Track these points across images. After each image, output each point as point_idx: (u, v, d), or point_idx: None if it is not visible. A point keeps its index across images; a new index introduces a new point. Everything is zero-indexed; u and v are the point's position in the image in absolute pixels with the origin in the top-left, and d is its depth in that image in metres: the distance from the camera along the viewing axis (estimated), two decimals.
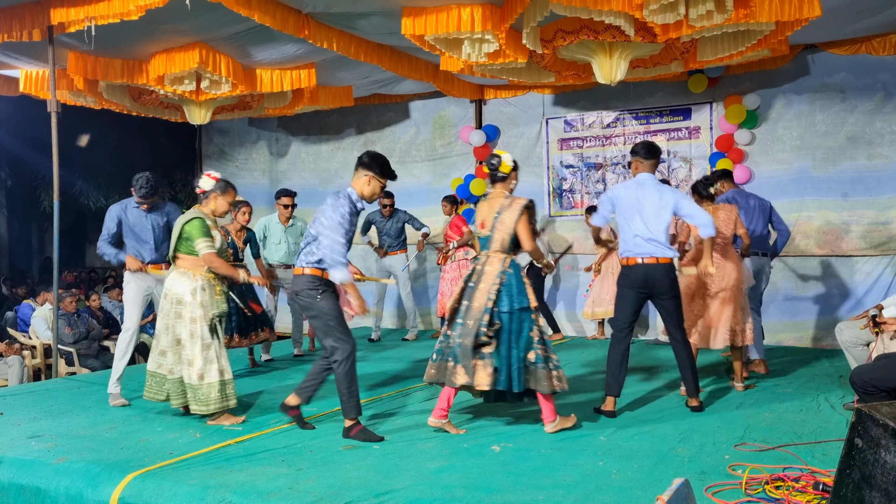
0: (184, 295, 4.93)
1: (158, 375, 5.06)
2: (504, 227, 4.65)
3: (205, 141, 11.96)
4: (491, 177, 4.83)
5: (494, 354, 4.55)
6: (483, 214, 4.77)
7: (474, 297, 4.60)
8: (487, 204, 4.80)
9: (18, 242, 16.51)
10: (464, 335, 4.56)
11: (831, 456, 3.93)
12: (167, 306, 5.00)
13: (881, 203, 7.98)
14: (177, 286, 4.97)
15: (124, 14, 6.02)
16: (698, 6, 5.62)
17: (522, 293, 4.59)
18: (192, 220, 4.97)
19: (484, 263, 4.69)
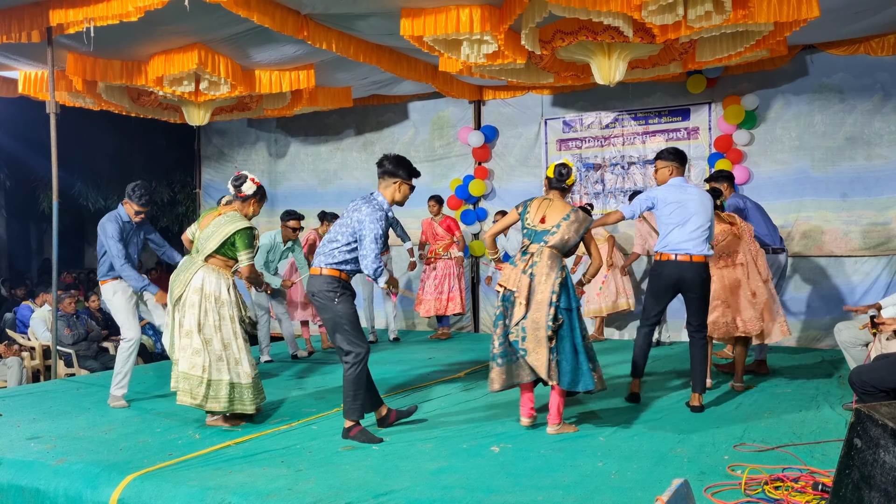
0: (221, 293, 4.87)
1: (194, 377, 4.80)
2: (573, 231, 4.71)
3: (204, 142, 11.97)
4: (555, 185, 4.89)
5: (559, 350, 4.58)
6: (542, 211, 4.78)
7: (536, 291, 4.60)
8: (549, 204, 4.81)
9: (17, 243, 16.50)
10: (529, 328, 4.58)
11: (830, 456, 3.93)
12: (200, 302, 4.83)
13: (880, 203, 7.99)
14: (211, 283, 4.85)
15: (123, 15, 6.01)
16: (697, 7, 5.62)
17: (574, 294, 4.70)
18: (242, 230, 4.89)
19: (540, 257, 4.66)
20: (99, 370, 8.04)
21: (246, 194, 5.01)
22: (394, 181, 4.69)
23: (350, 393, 4.57)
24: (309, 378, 6.68)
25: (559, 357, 4.55)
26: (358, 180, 10.76)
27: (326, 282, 4.60)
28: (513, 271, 4.69)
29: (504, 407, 5.41)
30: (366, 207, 4.59)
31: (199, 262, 4.92)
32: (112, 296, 5.70)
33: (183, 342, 4.83)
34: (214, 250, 4.90)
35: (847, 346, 5.65)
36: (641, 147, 9.18)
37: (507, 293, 4.70)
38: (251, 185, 5.00)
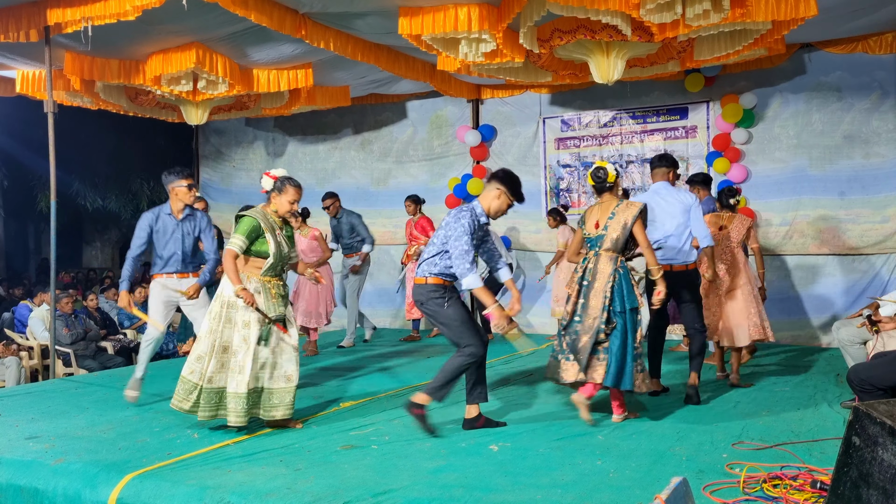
0: (227, 297, 4.71)
1: (189, 382, 4.69)
2: (620, 227, 4.78)
3: (202, 141, 11.95)
4: (598, 188, 5.01)
5: (607, 350, 4.70)
6: (595, 216, 4.95)
7: (591, 296, 4.76)
8: (599, 207, 4.98)
9: (15, 243, 16.50)
10: (582, 332, 4.73)
11: (829, 454, 3.94)
12: (216, 309, 4.73)
13: (878, 202, 8.00)
14: (229, 288, 4.69)
15: (121, 14, 6.01)
16: (695, 5, 5.63)
17: (632, 293, 4.76)
18: (242, 217, 4.80)
19: (596, 262, 4.83)
20: (97, 370, 8.04)
21: (266, 190, 4.89)
22: (497, 188, 4.72)
23: (446, 376, 4.59)
24: (308, 378, 6.67)
25: (607, 356, 4.69)
26: (356, 179, 10.75)
27: (433, 290, 4.65)
28: (573, 276, 4.92)
29: (503, 406, 5.42)
30: (453, 212, 4.71)
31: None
32: (150, 293, 5.70)
33: (194, 347, 4.77)
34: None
35: (845, 344, 5.66)
36: (639, 146, 9.18)
37: (568, 297, 4.92)
38: (267, 180, 4.87)
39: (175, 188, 5.58)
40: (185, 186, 5.59)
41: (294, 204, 4.88)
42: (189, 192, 5.61)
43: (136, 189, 14.60)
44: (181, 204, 5.62)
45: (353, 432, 4.74)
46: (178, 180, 5.58)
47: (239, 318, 4.68)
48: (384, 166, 10.69)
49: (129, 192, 14.67)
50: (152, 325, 5.62)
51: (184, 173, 5.61)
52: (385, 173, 10.68)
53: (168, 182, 5.61)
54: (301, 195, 4.92)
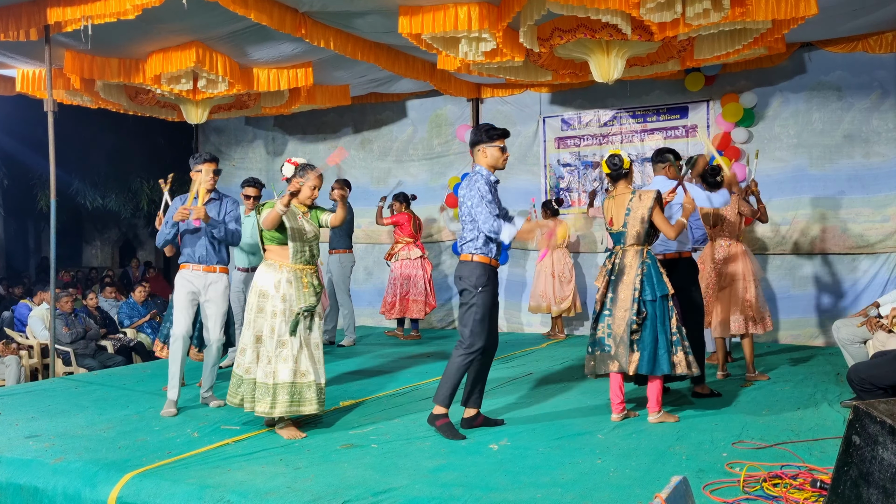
0: (267, 288, 4.68)
1: (236, 376, 4.74)
2: (639, 222, 4.86)
3: (202, 140, 11.95)
4: (614, 176, 5.03)
5: (639, 340, 4.77)
6: (611, 212, 5.01)
7: (619, 289, 4.84)
8: (615, 202, 5.02)
9: (15, 242, 16.51)
10: (614, 325, 4.82)
11: (829, 453, 3.94)
12: (252, 300, 4.74)
13: (878, 201, 8.00)
14: (261, 278, 4.73)
15: (121, 13, 6.01)
16: (695, 5, 5.63)
17: (661, 281, 4.84)
18: (265, 204, 4.80)
19: (622, 257, 4.91)
20: (97, 368, 8.04)
21: (287, 177, 4.82)
22: (477, 148, 4.69)
23: (452, 380, 4.58)
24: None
25: (640, 346, 4.76)
26: (356, 178, 10.73)
27: (475, 268, 4.60)
28: (602, 270, 4.99)
29: (502, 405, 5.42)
30: (471, 175, 4.67)
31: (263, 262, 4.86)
32: (176, 288, 5.46)
33: (239, 339, 4.82)
34: (261, 240, 4.84)
35: (845, 343, 5.66)
36: (640, 145, 9.17)
37: (599, 291, 4.97)
38: (288, 167, 4.84)
39: (192, 172, 5.44)
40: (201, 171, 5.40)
41: (315, 190, 4.84)
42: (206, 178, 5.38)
43: (136, 188, 14.58)
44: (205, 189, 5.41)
45: (353, 431, 4.74)
46: (196, 164, 5.44)
47: (268, 307, 4.66)
48: (384, 165, 10.69)
49: (128, 191, 14.65)
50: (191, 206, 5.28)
51: (203, 157, 5.44)
52: (385, 172, 10.68)
53: (191, 166, 5.48)
54: (322, 181, 4.90)
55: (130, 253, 17.49)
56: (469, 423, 4.76)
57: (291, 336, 4.63)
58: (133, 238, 18.03)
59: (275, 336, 4.62)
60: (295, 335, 4.64)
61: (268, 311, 4.66)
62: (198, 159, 5.47)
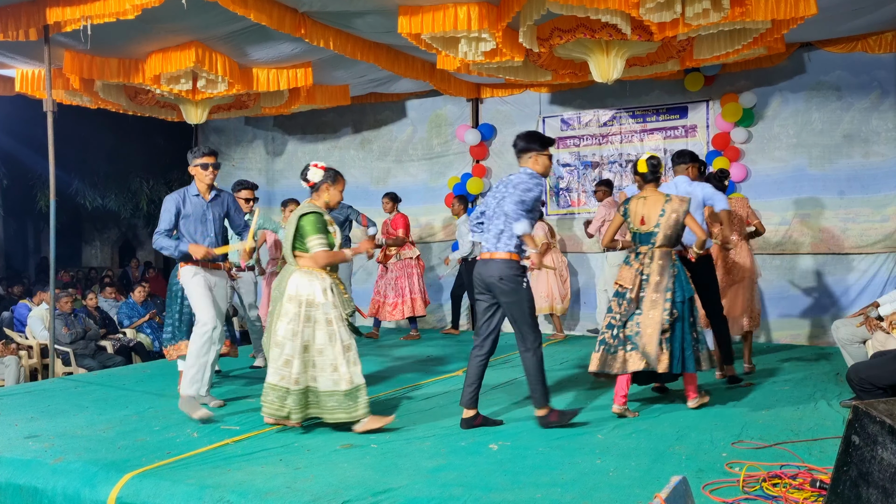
0: (315, 296, 4.55)
1: (280, 389, 4.56)
2: (673, 224, 5.00)
3: (201, 140, 11.95)
4: (649, 177, 5.16)
5: (669, 340, 4.91)
6: (642, 212, 5.09)
7: (650, 290, 4.95)
8: (645, 202, 5.11)
9: (15, 242, 16.50)
10: (645, 325, 4.91)
11: (828, 453, 3.93)
12: (293, 309, 4.56)
13: (877, 201, 8.00)
14: (304, 287, 4.56)
15: (120, 13, 6.01)
16: (694, 5, 5.63)
17: (688, 283, 5.04)
18: (307, 215, 4.62)
19: (652, 258, 5.02)
20: (97, 369, 8.04)
21: (314, 182, 4.72)
22: (529, 155, 4.78)
23: (538, 379, 4.63)
24: None
25: (670, 346, 4.90)
26: (356, 178, 10.74)
27: (512, 266, 4.61)
28: (628, 271, 5.06)
29: (502, 405, 5.42)
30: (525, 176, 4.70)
31: (291, 267, 4.69)
32: (191, 277, 5.20)
33: (273, 353, 4.60)
34: (293, 248, 4.66)
35: (844, 343, 5.66)
36: (639, 145, 9.18)
37: (622, 290, 5.05)
38: (316, 172, 4.71)
39: (190, 168, 5.28)
40: (200, 165, 5.24)
41: (342, 193, 4.84)
42: (204, 172, 5.24)
43: (136, 188, 14.59)
44: (204, 185, 5.28)
45: (352, 431, 4.74)
46: (195, 159, 5.26)
47: (321, 315, 4.55)
48: (384, 165, 10.69)
49: (128, 191, 14.66)
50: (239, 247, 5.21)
51: (201, 151, 5.26)
52: (385, 172, 10.68)
53: (189, 161, 5.30)
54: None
55: (130, 253, 17.49)
56: (469, 423, 4.76)
57: (357, 337, 4.65)
58: (133, 238, 18.03)
59: (337, 342, 4.55)
60: (352, 339, 4.64)
61: (320, 319, 4.55)
62: (196, 154, 5.31)
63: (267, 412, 4.62)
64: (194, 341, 5.11)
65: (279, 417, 4.61)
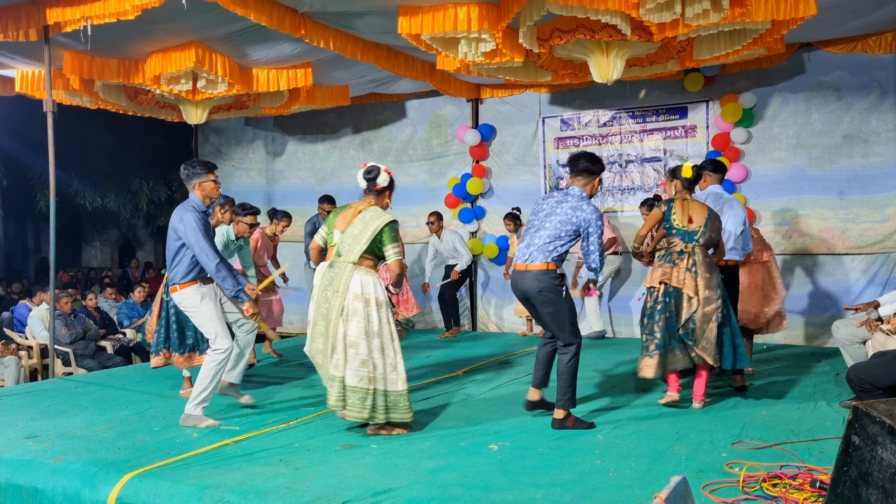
0: (380, 295, 4.55)
1: (361, 390, 4.49)
2: (716, 230, 5.26)
3: (201, 140, 11.95)
4: (686, 183, 5.39)
5: (720, 336, 5.12)
6: (687, 212, 5.29)
7: (701, 286, 5.10)
8: (691, 204, 5.32)
9: (14, 243, 16.50)
10: (704, 321, 5.08)
11: (828, 453, 3.94)
12: (362, 308, 4.50)
13: (877, 201, 8.00)
14: (369, 287, 4.53)
15: (120, 14, 6.01)
16: (694, 5, 5.62)
17: (723, 284, 5.23)
18: (391, 223, 4.61)
19: (697, 256, 5.19)
20: (96, 369, 8.04)
21: (382, 186, 4.73)
22: (592, 178, 4.89)
23: (569, 382, 4.71)
24: (307, 377, 6.67)
25: (721, 342, 5.11)
26: (356, 179, 10.71)
27: (552, 277, 4.72)
28: (676, 270, 5.16)
29: (503, 405, 5.42)
30: (586, 206, 4.78)
31: (349, 266, 4.57)
32: (199, 302, 4.91)
33: (349, 353, 4.50)
34: (365, 250, 4.58)
35: (844, 343, 5.66)
36: (639, 145, 9.18)
37: (670, 290, 5.15)
38: (386, 177, 4.73)
39: (202, 183, 4.99)
40: (213, 181, 5.04)
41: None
42: (216, 186, 5.07)
43: (136, 188, 14.60)
44: (209, 200, 5.08)
45: (353, 432, 4.74)
46: (207, 174, 5.01)
47: (384, 315, 4.56)
48: (384, 166, 10.67)
49: (128, 191, 14.66)
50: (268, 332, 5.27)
51: (209, 166, 5.05)
52: None
53: (194, 176, 4.99)
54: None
55: (130, 253, 17.50)
56: (532, 405, 5.00)
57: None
58: (132, 238, 18.03)
59: (394, 342, 4.58)
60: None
61: (384, 318, 4.56)
62: (205, 168, 5.02)
63: (352, 416, 4.53)
64: (210, 364, 4.89)
65: (364, 418, 4.53)
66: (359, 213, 4.69)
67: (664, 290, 5.15)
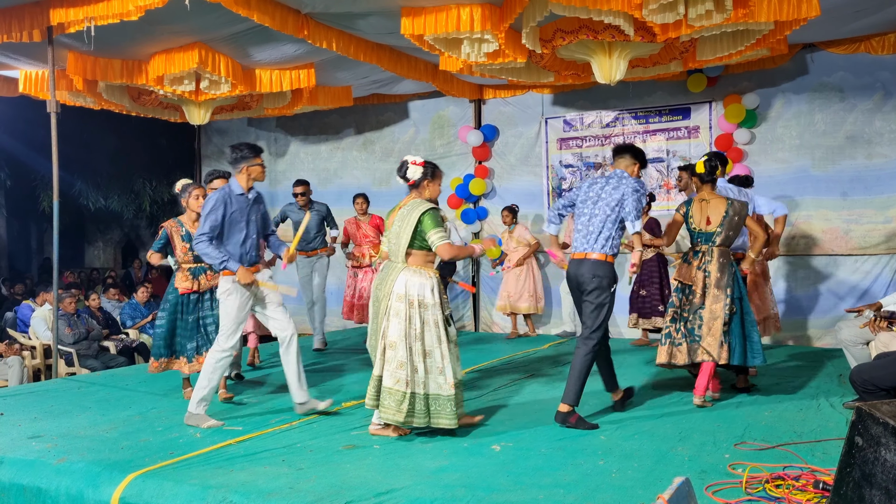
0: (425, 296, 4.45)
1: (397, 392, 4.42)
2: (734, 226, 5.35)
3: (204, 141, 11.97)
4: (705, 178, 5.48)
5: (728, 334, 5.24)
6: (706, 212, 5.43)
7: (713, 285, 5.27)
8: (709, 205, 5.43)
9: (18, 243, 16.52)
10: (709, 319, 5.24)
11: (831, 454, 3.93)
12: (404, 309, 4.44)
13: (880, 202, 7.99)
14: (414, 286, 4.45)
15: (124, 14, 6.02)
16: (697, 6, 5.62)
17: (742, 281, 5.40)
18: (428, 211, 4.50)
19: (712, 256, 5.35)
20: (99, 369, 8.05)
21: (415, 180, 4.64)
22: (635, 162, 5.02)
23: (580, 377, 4.78)
24: (308, 378, 6.67)
25: (730, 339, 5.22)
26: (358, 179, 10.76)
27: (609, 268, 4.87)
28: (689, 269, 5.40)
29: (504, 405, 5.41)
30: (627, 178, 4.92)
31: (398, 265, 4.56)
32: (226, 297, 4.93)
33: (388, 354, 4.46)
34: (409, 245, 4.52)
35: (847, 344, 5.65)
36: (642, 146, 9.16)
37: (682, 286, 5.42)
38: (415, 169, 4.62)
39: (249, 167, 4.96)
40: (261, 164, 5.00)
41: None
42: (264, 170, 5.04)
43: (139, 189, 14.58)
44: (252, 183, 5.03)
45: (355, 432, 4.75)
46: (254, 158, 4.96)
47: (430, 316, 4.46)
48: (386, 166, 10.70)
49: (131, 191, 14.65)
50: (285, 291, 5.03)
51: (256, 149, 4.98)
52: (387, 174, 10.68)
53: (241, 160, 4.95)
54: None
55: (133, 254, 17.50)
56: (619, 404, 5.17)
57: (451, 341, 4.54)
58: (135, 239, 18.03)
59: (444, 344, 4.47)
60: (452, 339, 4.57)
61: (429, 320, 4.46)
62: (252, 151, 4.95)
63: (386, 417, 4.46)
64: (211, 362, 4.92)
65: (399, 421, 4.44)
66: (399, 210, 4.68)
67: (678, 285, 5.46)
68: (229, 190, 4.96)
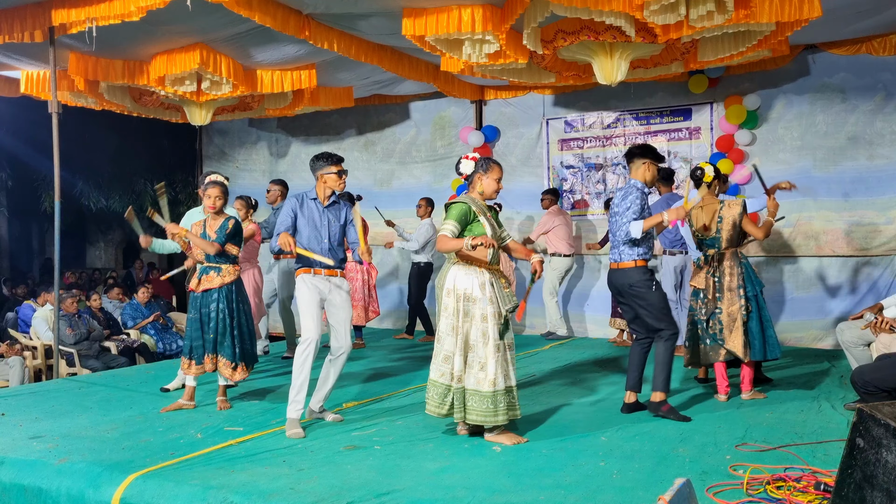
0: (472, 290, 4.43)
1: (441, 385, 4.47)
2: (731, 227, 5.51)
3: (205, 142, 11.98)
4: (699, 183, 5.72)
5: (747, 332, 5.44)
6: (702, 219, 5.63)
7: (726, 288, 5.48)
8: (703, 210, 5.64)
9: (19, 243, 16.53)
10: (727, 321, 5.44)
11: (832, 456, 3.93)
12: (452, 304, 4.47)
13: (881, 203, 7.98)
14: (462, 281, 4.46)
15: (125, 15, 6.02)
16: (699, 7, 5.62)
17: (756, 277, 5.57)
18: (454, 203, 4.54)
19: (721, 259, 5.56)
20: (101, 369, 8.05)
21: (467, 174, 4.64)
22: (643, 161, 5.14)
23: (665, 367, 5.04)
24: None
25: (750, 337, 5.43)
26: (359, 180, 10.75)
27: (642, 272, 5.06)
28: (700, 274, 5.62)
29: None
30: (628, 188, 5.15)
31: (449, 262, 4.66)
32: (297, 291, 5.07)
33: (436, 348, 4.53)
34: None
35: (849, 345, 5.65)
36: None
37: (697, 291, 5.65)
38: (467, 163, 4.62)
39: (324, 175, 5.08)
40: (336, 173, 5.08)
41: (500, 182, 4.66)
42: (340, 180, 5.12)
43: (140, 189, 14.60)
44: (329, 191, 5.13)
45: (356, 433, 4.75)
46: (331, 165, 5.08)
47: (477, 311, 4.42)
48: (387, 167, 10.70)
49: (132, 192, 14.67)
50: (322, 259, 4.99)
51: (333, 159, 5.11)
52: (388, 174, 10.69)
53: (317, 168, 5.11)
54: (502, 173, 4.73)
55: (134, 254, 17.51)
56: (630, 408, 5.18)
57: (501, 340, 4.44)
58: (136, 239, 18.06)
59: (489, 341, 4.40)
60: (503, 339, 4.47)
61: (476, 315, 4.42)
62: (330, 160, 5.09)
63: (430, 409, 4.55)
64: (296, 358, 4.94)
65: (442, 414, 4.50)
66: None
67: (693, 290, 5.70)
68: (303, 196, 5.14)
